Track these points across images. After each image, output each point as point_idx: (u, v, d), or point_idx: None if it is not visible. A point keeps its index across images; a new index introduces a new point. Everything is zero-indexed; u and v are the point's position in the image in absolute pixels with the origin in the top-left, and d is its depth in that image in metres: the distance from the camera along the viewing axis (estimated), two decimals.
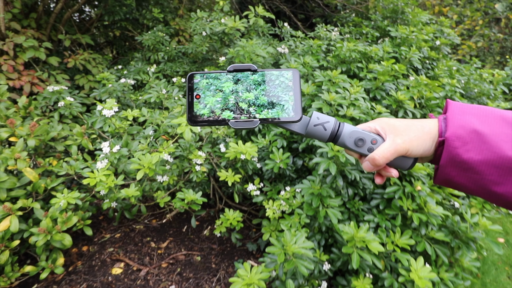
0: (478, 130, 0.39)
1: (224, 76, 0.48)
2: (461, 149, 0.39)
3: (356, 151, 0.47)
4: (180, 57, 3.05)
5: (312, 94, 1.69)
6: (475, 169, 0.39)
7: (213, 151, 1.84)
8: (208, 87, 0.48)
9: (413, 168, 1.40)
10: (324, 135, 0.48)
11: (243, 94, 0.47)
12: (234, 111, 0.46)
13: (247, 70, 0.48)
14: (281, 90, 0.48)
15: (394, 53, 2.13)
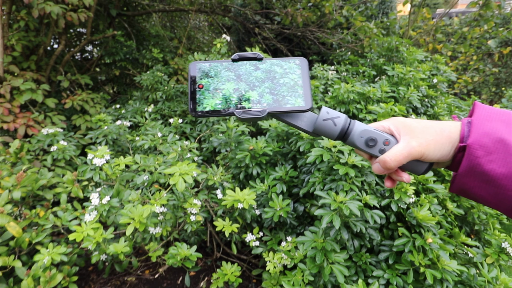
0: (506, 140, 0.34)
1: (225, 72, 0.45)
2: (484, 159, 0.35)
3: (366, 151, 0.44)
4: (178, 96, 3.06)
5: (311, 138, 1.64)
6: (497, 182, 0.35)
7: (209, 197, 1.76)
8: (208, 86, 0.44)
9: (423, 218, 1.31)
10: (334, 131, 0.44)
11: (246, 93, 0.44)
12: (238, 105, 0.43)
13: (253, 59, 0.46)
14: (288, 80, 0.45)
15: (392, 92, 2.11)
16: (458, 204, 1.63)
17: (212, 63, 0.46)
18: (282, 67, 0.45)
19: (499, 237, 1.57)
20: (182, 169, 1.38)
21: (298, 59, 0.47)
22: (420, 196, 1.47)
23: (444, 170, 1.69)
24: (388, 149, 0.42)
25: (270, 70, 0.45)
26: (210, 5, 4.01)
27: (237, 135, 1.88)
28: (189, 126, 2.52)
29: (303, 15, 3.39)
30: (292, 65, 0.46)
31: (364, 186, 1.43)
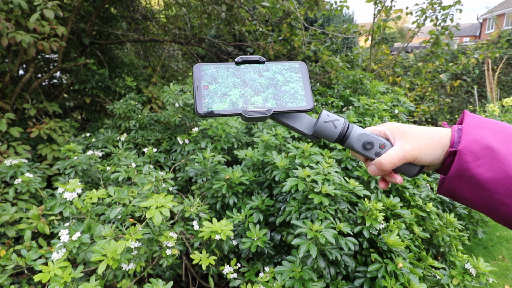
0: (493, 147, 0.37)
1: (232, 78, 0.46)
2: (472, 163, 0.37)
3: (363, 154, 0.46)
4: (152, 124, 3.04)
5: (286, 168, 1.70)
6: (483, 185, 0.37)
7: (185, 229, 1.73)
8: (216, 91, 0.45)
9: (393, 243, 1.38)
10: (333, 133, 0.46)
11: (251, 98, 0.46)
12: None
13: (256, 62, 0.48)
14: (289, 88, 0.47)
15: (359, 122, 2.26)
16: (424, 228, 1.74)
17: (217, 66, 0.47)
18: (284, 75, 0.48)
19: (463, 258, 1.67)
20: (159, 201, 1.37)
21: (297, 63, 0.51)
22: (389, 221, 1.55)
23: (409, 196, 1.81)
24: (384, 152, 0.45)
25: (273, 77, 0.48)
26: (185, 36, 4.12)
27: (213, 165, 1.90)
28: (163, 155, 2.50)
29: (274, 48, 3.58)
30: (292, 73, 0.49)
31: (338, 214, 1.49)
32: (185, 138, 2.42)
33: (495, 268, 2.16)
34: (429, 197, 1.88)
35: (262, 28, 3.92)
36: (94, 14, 3.48)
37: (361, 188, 1.51)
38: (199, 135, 2.30)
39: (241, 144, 2.43)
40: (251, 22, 3.83)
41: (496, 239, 2.88)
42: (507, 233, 3.02)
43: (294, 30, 3.67)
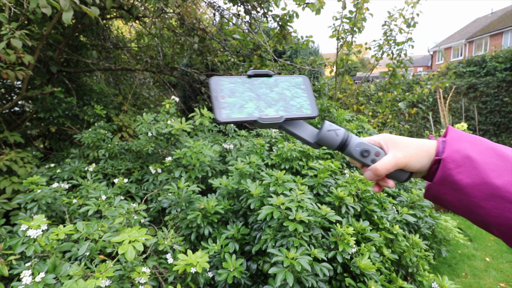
0: (471, 157, 0.42)
1: (245, 82, 0.52)
2: (454, 170, 0.43)
3: (360, 161, 0.51)
4: (123, 153, 2.97)
5: (260, 196, 1.73)
6: (463, 190, 0.42)
7: (159, 263, 1.67)
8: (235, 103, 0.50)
9: (365, 267, 1.43)
10: (335, 141, 0.52)
11: (265, 110, 0.51)
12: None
13: (265, 76, 0.54)
14: (296, 99, 0.54)
15: (327, 149, 2.38)
16: (393, 249, 1.82)
17: (233, 80, 0.53)
18: (291, 91, 0.55)
19: (429, 278, 1.76)
20: (132, 235, 1.33)
21: (301, 77, 0.57)
22: (360, 245, 1.62)
23: (378, 219, 1.90)
24: (379, 159, 0.50)
25: (282, 93, 0.54)
26: (157, 65, 4.16)
27: (188, 195, 1.89)
28: (134, 185, 2.43)
29: None
30: (298, 90, 0.55)
31: (312, 240, 1.53)
32: (158, 167, 2.39)
33: (459, 286, 2.28)
34: (395, 219, 1.98)
35: (233, 59, 4.07)
36: (63, 42, 3.44)
37: (332, 213, 1.57)
38: (172, 164, 2.29)
39: (216, 172, 2.44)
40: (223, 53, 3.97)
41: (458, 256, 3.05)
42: (468, 250, 3.21)
43: (264, 61, 3.85)
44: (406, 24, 3.40)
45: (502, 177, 0.40)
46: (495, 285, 2.64)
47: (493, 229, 0.44)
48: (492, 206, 0.41)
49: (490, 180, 0.41)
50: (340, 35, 3.46)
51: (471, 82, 7.74)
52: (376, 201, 2.03)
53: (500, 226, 0.41)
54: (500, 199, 0.40)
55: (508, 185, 0.40)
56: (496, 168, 0.41)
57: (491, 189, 0.41)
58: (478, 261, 3.01)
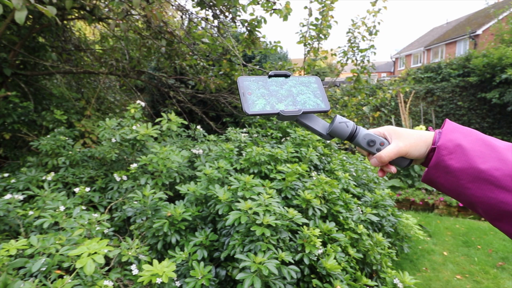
0: (462, 145, 0.49)
1: (267, 81, 0.60)
2: (447, 156, 0.50)
3: (367, 150, 0.59)
4: (85, 161, 2.82)
5: (229, 201, 1.72)
6: (453, 173, 0.49)
7: (123, 275, 1.60)
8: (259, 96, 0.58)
9: (331, 267, 1.47)
10: (345, 132, 0.58)
11: (286, 104, 0.58)
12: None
13: (284, 76, 0.62)
14: (311, 92, 0.62)
15: (296, 152, 2.42)
16: (358, 249, 1.89)
17: (255, 78, 0.60)
18: (307, 89, 0.62)
19: (392, 274, 1.84)
20: (92, 247, 1.27)
21: (313, 77, 0.65)
22: (326, 246, 1.66)
23: (343, 220, 1.96)
24: (383, 148, 0.57)
25: (299, 90, 0.61)
26: (123, 68, 4.03)
27: (154, 202, 1.84)
28: (97, 194, 2.32)
29: (215, 82, 3.70)
30: (311, 82, 0.63)
31: (280, 243, 1.55)
32: (123, 175, 2.30)
33: (419, 280, 2.40)
34: (360, 219, 2.06)
35: (203, 63, 4.04)
36: (19, 43, 3.23)
37: (299, 216, 1.60)
38: (138, 171, 2.22)
39: (184, 178, 2.40)
40: (192, 56, 3.93)
41: (419, 252, 3.22)
42: (428, 245, 3.41)
43: (234, 66, 3.86)
44: (368, 32, 3.57)
45: (486, 163, 0.47)
46: (452, 277, 2.82)
47: (478, 208, 0.50)
48: (477, 187, 0.47)
49: (476, 165, 0.47)
50: (307, 41, 3.56)
51: (428, 87, 8.27)
52: (342, 202, 2.10)
53: (482, 205, 0.48)
54: (483, 181, 0.47)
55: (491, 170, 0.46)
56: (482, 155, 0.48)
57: (476, 173, 0.47)
58: (437, 256, 3.20)
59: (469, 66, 8.04)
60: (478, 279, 2.81)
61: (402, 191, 4.65)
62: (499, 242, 3.53)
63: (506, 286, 2.70)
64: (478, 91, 7.95)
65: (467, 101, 8.09)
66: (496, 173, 0.46)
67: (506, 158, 0.47)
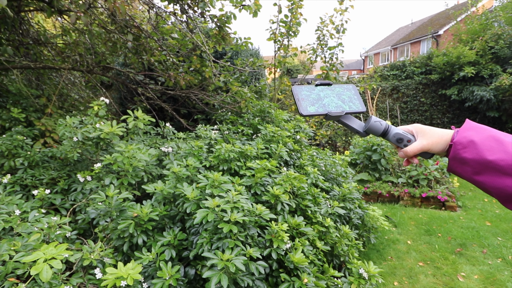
0: (474, 141, 0.60)
1: (315, 89, 0.74)
2: (461, 150, 0.61)
3: (396, 145, 0.70)
4: (46, 161, 2.67)
5: (197, 199, 1.70)
6: (468, 163, 0.60)
7: (86, 279, 1.54)
8: (311, 101, 0.72)
9: (298, 261, 1.50)
10: (379, 129, 0.70)
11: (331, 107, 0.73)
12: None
13: (327, 84, 0.75)
14: (350, 97, 0.75)
15: (266, 149, 2.44)
16: (325, 241, 1.94)
17: (306, 87, 0.74)
18: (346, 94, 0.76)
19: (357, 265, 1.91)
20: (48, 253, 1.20)
21: (350, 85, 0.78)
22: (294, 240, 1.69)
23: (311, 214, 2.01)
24: (409, 144, 0.69)
25: (340, 96, 0.75)
26: (87, 64, 3.84)
27: (119, 203, 1.78)
28: (59, 196, 2.21)
29: (185, 78, 3.62)
30: (348, 88, 0.77)
31: (248, 239, 1.55)
32: (87, 175, 2.20)
33: (382, 269, 2.51)
34: (328, 213, 2.12)
35: (172, 59, 3.94)
36: None
37: (267, 212, 1.61)
38: (102, 171, 2.13)
39: (152, 177, 2.34)
40: (161, 52, 3.82)
41: (385, 242, 3.38)
42: (393, 235, 3.58)
43: (204, 62, 3.81)
44: (336, 30, 3.65)
45: (494, 155, 0.57)
46: (415, 264, 2.98)
47: (492, 193, 0.60)
48: (487, 175, 0.58)
49: (485, 157, 0.58)
50: (277, 38, 3.58)
51: (394, 84, 8.64)
52: (311, 196, 2.14)
53: (494, 190, 0.58)
54: (491, 169, 0.58)
55: (497, 160, 0.57)
56: (490, 148, 0.58)
57: (486, 163, 0.58)
58: (401, 245, 3.37)
59: (431, 64, 8.49)
60: (438, 265, 2.99)
61: (370, 184, 4.84)
62: (458, 229, 3.78)
63: (463, 270, 2.90)
64: (439, 88, 8.43)
65: (429, 98, 8.55)
66: (501, 163, 0.56)
67: (510, 151, 0.56)
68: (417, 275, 2.79)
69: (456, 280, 2.76)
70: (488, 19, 8.11)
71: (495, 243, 3.43)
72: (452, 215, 4.28)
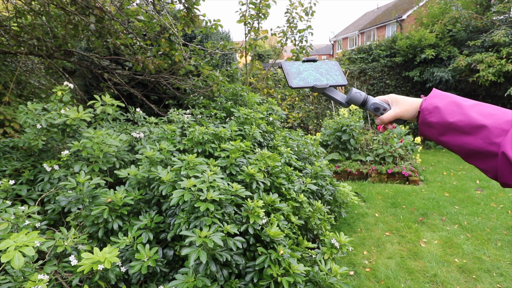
0: (438, 107, 0.68)
1: (302, 65, 0.81)
2: (427, 115, 0.69)
3: (374, 113, 0.79)
4: (8, 152, 2.52)
5: (172, 181, 1.71)
6: (433, 126, 0.68)
7: (61, 267, 1.51)
8: (298, 74, 0.79)
9: (274, 234, 1.57)
10: (359, 99, 0.78)
11: (317, 80, 0.80)
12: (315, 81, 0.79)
13: (312, 61, 0.82)
14: (334, 71, 0.83)
15: (240, 131, 2.46)
16: (299, 216, 2.03)
17: (293, 63, 0.80)
18: (329, 69, 0.83)
19: (330, 236, 2.03)
20: (19, 240, 1.17)
21: (333, 61, 0.85)
22: (270, 216, 1.75)
23: (285, 191, 2.08)
24: (385, 112, 0.77)
25: (324, 70, 0.82)
26: (46, 48, 3.59)
27: (91, 189, 1.74)
28: (25, 187, 2.11)
29: (154, 62, 3.51)
30: (332, 64, 0.84)
31: (225, 217, 1.59)
32: (54, 164, 2.11)
33: (352, 239, 2.67)
34: (301, 189, 2.20)
35: (139, 42, 3.79)
36: None
37: (243, 190, 1.66)
38: (71, 159, 2.06)
39: (125, 163, 2.29)
40: (127, 35, 3.66)
41: (355, 216, 3.58)
42: (362, 210, 3.80)
43: (174, 45, 3.70)
44: (305, 12, 3.68)
45: (454, 117, 0.65)
46: (382, 234, 3.20)
47: (455, 151, 0.68)
48: (449, 135, 0.66)
49: (447, 119, 0.66)
50: (247, 20, 3.55)
51: (361, 67, 8.91)
52: (284, 175, 2.21)
53: (456, 147, 0.66)
54: (452, 130, 0.65)
55: (456, 122, 0.65)
56: (451, 112, 0.66)
57: (447, 124, 0.66)
58: (370, 218, 3.59)
59: (395, 47, 8.82)
60: (403, 234, 3.23)
61: (341, 164, 5.05)
62: (420, 201, 4.08)
63: (425, 237, 3.16)
64: (403, 70, 8.81)
65: (394, 80, 8.93)
66: (460, 123, 0.64)
67: (467, 113, 0.64)
68: (384, 244, 3.00)
69: (418, 246, 3.00)
70: (446, 4, 8.51)
71: (452, 211, 3.75)
72: (415, 188, 4.60)
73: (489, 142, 0.60)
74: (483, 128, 0.61)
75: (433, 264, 2.69)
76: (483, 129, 0.61)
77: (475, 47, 7.41)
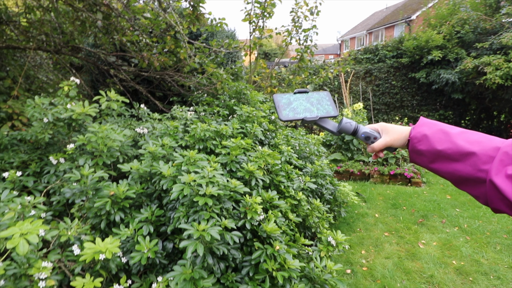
0: (427, 135, 0.70)
1: (293, 96, 0.84)
2: (417, 143, 0.71)
3: (365, 142, 0.81)
4: (15, 145, 2.59)
5: (173, 176, 1.75)
6: (423, 154, 0.70)
7: (64, 256, 1.57)
8: (287, 106, 0.81)
9: (271, 230, 1.60)
10: (350, 129, 0.81)
11: (307, 112, 0.81)
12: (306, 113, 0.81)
13: (304, 92, 0.85)
14: (325, 102, 0.85)
15: (241, 128, 2.50)
16: (297, 214, 2.06)
17: (284, 95, 0.84)
18: (320, 100, 0.85)
19: (326, 234, 2.06)
20: (24, 228, 1.22)
21: (325, 92, 0.88)
22: (268, 212, 1.79)
23: (284, 188, 2.11)
24: (376, 141, 0.79)
25: (315, 101, 0.84)
26: (54, 44, 3.66)
27: (94, 182, 1.79)
28: (32, 178, 2.17)
29: (159, 59, 3.56)
30: (323, 95, 0.86)
31: (223, 212, 1.63)
32: (60, 157, 2.17)
33: (351, 238, 2.69)
34: (300, 187, 2.23)
35: (145, 39, 3.84)
36: None
37: (242, 186, 1.69)
38: (76, 152, 2.11)
39: (128, 158, 2.34)
40: (133, 32, 3.71)
41: (355, 216, 3.60)
42: (363, 210, 3.81)
43: (179, 43, 3.74)
44: (310, 12, 3.70)
45: (442, 145, 0.67)
46: (381, 235, 3.22)
47: (446, 178, 0.69)
48: (438, 161, 0.68)
49: (436, 147, 0.68)
50: (252, 19, 3.58)
51: (367, 67, 8.88)
52: (284, 173, 2.24)
53: (446, 174, 0.68)
54: (441, 157, 0.67)
55: (445, 149, 0.66)
56: (439, 140, 0.68)
57: (437, 152, 0.68)
58: (369, 218, 3.60)
59: (401, 48, 8.76)
60: (402, 235, 3.24)
61: (343, 164, 5.06)
62: (421, 203, 4.08)
63: (424, 238, 3.17)
64: (409, 71, 8.76)
65: (400, 81, 8.88)
66: (449, 151, 0.66)
67: (455, 141, 0.66)
68: (382, 244, 3.02)
69: (417, 247, 3.01)
70: (455, 5, 8.43)
71: (453, 214, 3.75)
72: (417, 190, 4.59)
73: (478, 169, 0.61)
74: (471, 155, 0.62)
75: (431, 265, 2.70)
76: (472, 156, 0.62)
77: (483, 49, 7.34)
